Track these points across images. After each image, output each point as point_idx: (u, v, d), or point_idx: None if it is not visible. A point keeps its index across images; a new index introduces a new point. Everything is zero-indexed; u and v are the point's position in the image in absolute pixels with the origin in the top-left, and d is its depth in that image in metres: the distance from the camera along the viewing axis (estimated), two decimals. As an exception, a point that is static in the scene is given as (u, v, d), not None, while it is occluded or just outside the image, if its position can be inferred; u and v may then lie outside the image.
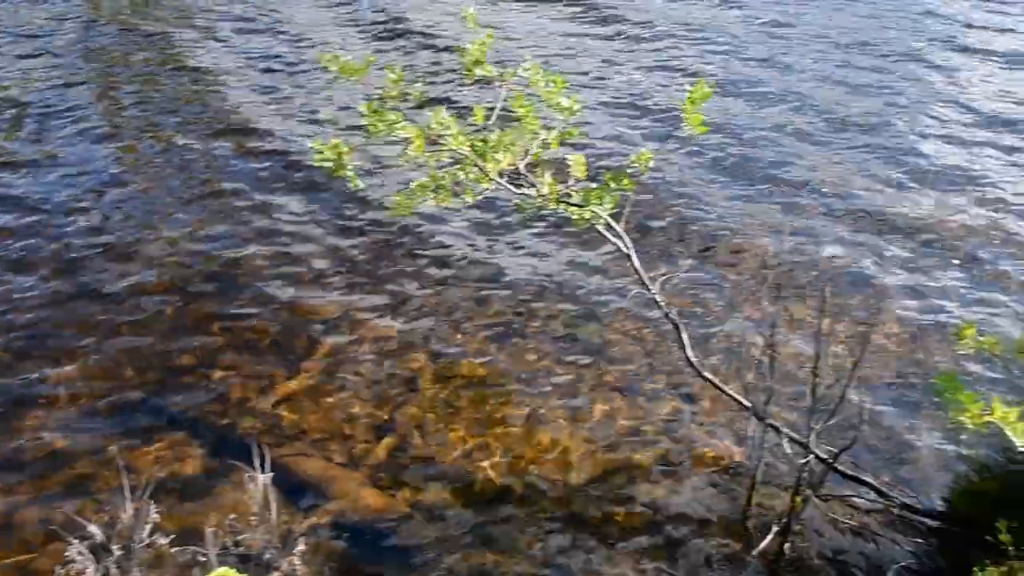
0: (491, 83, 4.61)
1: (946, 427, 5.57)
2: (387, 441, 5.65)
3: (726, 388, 5.21)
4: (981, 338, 4.41)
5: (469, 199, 4.44)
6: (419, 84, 4.27)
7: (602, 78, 11.45)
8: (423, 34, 12.63)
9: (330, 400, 5.95)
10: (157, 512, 4.13)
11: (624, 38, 12.74)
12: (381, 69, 4.14)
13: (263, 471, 4.24)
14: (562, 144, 4.85)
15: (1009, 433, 3.86)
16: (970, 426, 3.90)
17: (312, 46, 12.36)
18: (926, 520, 5.08)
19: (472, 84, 4.62)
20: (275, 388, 6.03)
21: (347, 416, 5.83)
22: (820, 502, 4.98)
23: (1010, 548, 3.96)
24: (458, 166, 4.52)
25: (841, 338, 5.88)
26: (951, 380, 4.06)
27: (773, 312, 5.20)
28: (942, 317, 6.97)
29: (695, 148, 9.48)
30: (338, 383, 6.10)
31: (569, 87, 4.65)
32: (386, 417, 5.84)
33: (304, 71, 11.62)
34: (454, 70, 11.02)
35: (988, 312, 7.04)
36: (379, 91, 4.46)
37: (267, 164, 9.10)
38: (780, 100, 11.00)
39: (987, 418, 3.87)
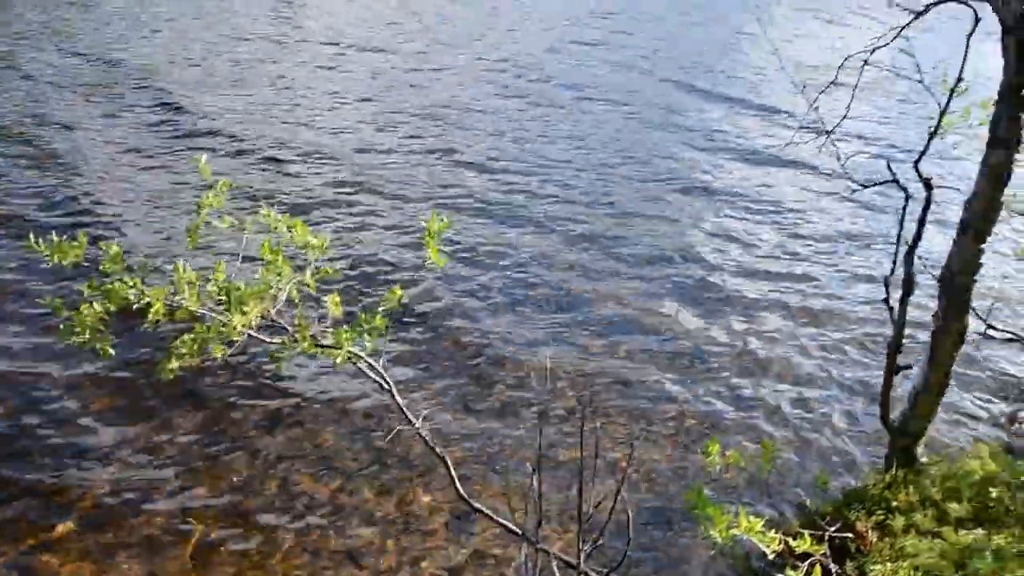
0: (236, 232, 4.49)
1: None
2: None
3: (496, 517, 5.20)
4: (727, 453, 4.65)
5: (218, 355, 4.25)
6: (145, 252, 4.07)
7: (351, 225, 11.10)
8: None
9: (97, 551, 5.59)
10: None
11: (365, 192, 12.15)
12: (94, 243, 3.92)
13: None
14: (319, 285, 4.78)
15: (757, 542, 4.06)
16: (719, 540, 4.06)
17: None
18: (695, 630, 5.23)
19: (219, 234, 4.46)
20: (36, 538, 5.65)
21: (114, 565, 5.50)
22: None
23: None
24: (210, 321, 4.33)
25: (607, 457, 6.07)
26: (699, 495, 4.23)
27: (538, 437, 5.28)
28: (705, 431, 7.34)
29: (457, 274, 9.64)
30: (106, 533, 5.74)
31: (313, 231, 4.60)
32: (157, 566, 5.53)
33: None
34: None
35: (747, 424, 7.49)
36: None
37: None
38: (530, 222, 11.35)
39: (734, 531, 4.05)
